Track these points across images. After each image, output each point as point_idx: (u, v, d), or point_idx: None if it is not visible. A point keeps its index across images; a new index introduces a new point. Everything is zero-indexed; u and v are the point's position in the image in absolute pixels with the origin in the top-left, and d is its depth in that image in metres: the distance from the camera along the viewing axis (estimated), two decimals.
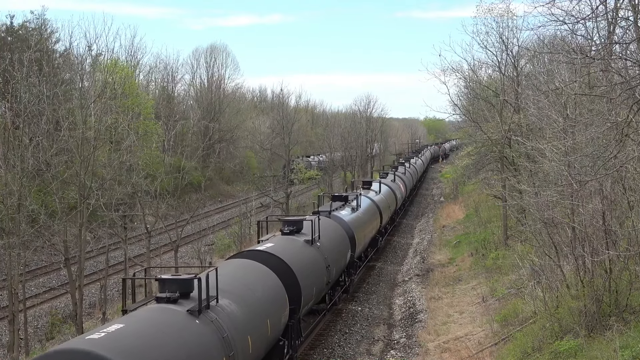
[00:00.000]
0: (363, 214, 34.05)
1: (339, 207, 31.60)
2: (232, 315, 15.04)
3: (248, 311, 16.02)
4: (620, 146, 13.99)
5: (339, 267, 26.39)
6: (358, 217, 32.64)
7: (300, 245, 22.80)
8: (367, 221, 34.54)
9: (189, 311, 13.60)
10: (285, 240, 22.67)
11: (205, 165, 68.30)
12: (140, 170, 34.40)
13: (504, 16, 33.10)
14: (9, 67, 29.02)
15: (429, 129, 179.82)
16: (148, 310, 13.66)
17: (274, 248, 20.75)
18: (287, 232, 23.47)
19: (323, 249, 24.07)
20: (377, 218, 37.92)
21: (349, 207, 32.83)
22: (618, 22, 18.17)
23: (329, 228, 26.59)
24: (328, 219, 28.00)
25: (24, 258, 28.11)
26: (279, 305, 18.41)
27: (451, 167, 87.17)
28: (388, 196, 44.21)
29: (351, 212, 32.21)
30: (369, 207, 36.56)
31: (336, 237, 27.10)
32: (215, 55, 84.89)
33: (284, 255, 20.37)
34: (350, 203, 33.64)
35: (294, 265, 20.29)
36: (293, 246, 22.27)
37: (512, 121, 31.93)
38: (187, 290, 14.26)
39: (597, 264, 17.07)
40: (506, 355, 18.52)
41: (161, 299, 13.89)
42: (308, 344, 23.53)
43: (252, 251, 20.51)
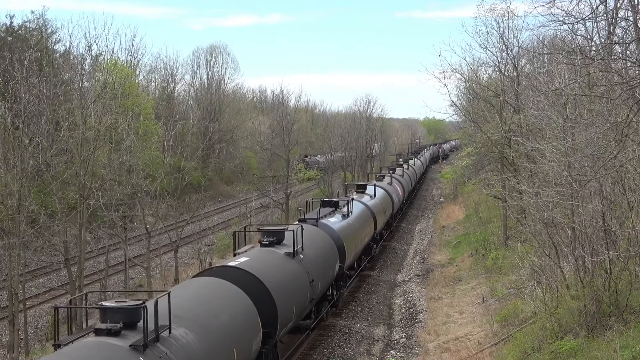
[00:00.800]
0: (355, 220, 31.81)
1: (328, 214, 29.21)
2: (188, 347, 13.04)
3: (209, 341, 13.94)
4: (620, 146, 13.99)
5: (325, 281, 24.13)
6: (349, 224, 30.45)
7: (280, 258, 20.35)
8: (359, 228, 32.24)
9: (133, 346, 11.59)
10: (263, 254, 20.29)
11: (205, 165, 68.26)
12: (140, 171, 34.40)
13: (505, 16, 33.14)
14: (9, 67, 28.99)
15: (429, 129, 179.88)
16: (83, 346, 11.56)
17: (248, 263, 18.45)
18: (265, 244, 20.96)
19: (306, 261, 21.65)
20: (370, 224, 35.75)
21: (340, 213, 30.62)
22: (618, 22, 18.19)
23: (315, 238, 24.49)
24: (314, 228, 25.77)
25: (24, 258, 28.10)
26: (249, 330, 16.18)
27: (451, 168, 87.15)
28: (384, 200, 42.14)
29: (341, 219, 30.01)
30: (361, 213, 34.35)
31: (323, 247, 24.82)
32: (215, 55, 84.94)
33: (259, 272, 18.11)
34: (341, 209, 31.27)
35: (270, 283, 18.03)
36: (271, 260, 19.88)
37: (512, 121, 31.93)
38: (133, 320, 12.17)
39: (597, 264, 17.08)
40: (506, 356, 18.52)
41: (101, 331, 11.87)
42: None
43: (222, 268, 18.11)
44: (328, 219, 28.38)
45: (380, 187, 43.76)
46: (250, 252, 20.04)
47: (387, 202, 43.59)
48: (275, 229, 22.18)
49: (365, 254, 35.80)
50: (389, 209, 43.91)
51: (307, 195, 70.05)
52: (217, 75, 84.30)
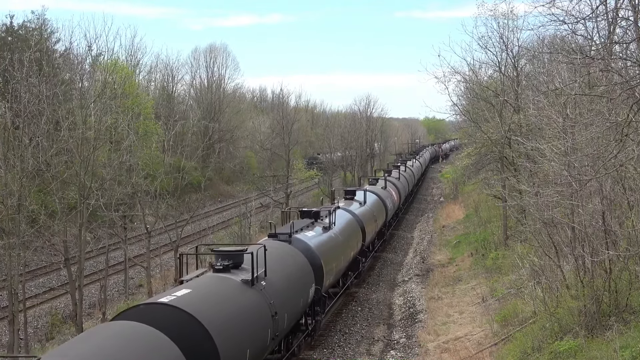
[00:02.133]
0: (338, 233, 27.99)
1: (305, 227, 25.42)
2: None
3: None
4: (620, 146, 13.98)
5: (295, 311, 20.13)
6: (330, 238, 26.64)
7: (234, 288, 16.39)
8: (344, 242, 28.36)
9: None
10: (213, 282, 16.38)
11: (205, 165, 68.26)
12: (140, 170, 34.43)
13: (505, 16, 33.13)
14: (9, 67, 28.99)
15: (429, 129, 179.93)
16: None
17: (186, 298, 14.40)
18: (219, 269, 16.97)
19: (269, 290, 17.74)
20: (357, 236, 32.12)
21: (320, 225, 26.76)
22: (618, 22, 18.17)
23: (284, 258, 20.96)
24: (285, 246, 22.26)
25: (24, 258, 28.11)
26: None
27: (451, 167, 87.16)
28: (375, 207, 38.71)
29: (321, 232, 26.26)
30: (347, 224, 30.63)
31: (294, 269, 21.05)
32: (215, 55, 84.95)
33: (198, 309, 14.04)
34: (322, 220, 27.50)
35: (213, 323, 14.02)
36: (220, 291, 16.02)
37: (512, 121, 31.93)
38: None
39: (597, 264, 17.07)
40: (506, 356, 18.52)
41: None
42: None
43: (148, 306, 13.83)
44: (304, 233, 24.59)
45: (372, 193, 40.66)
46: (197, 281, 16.24)
47: (380, 209, 40.22)
48: (232, 251, 17.90)
49: (353, 268, 32.22)
50: (381, 217, 40.64)
51: (307, 196, 70.15)
52: (217, 75, 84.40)
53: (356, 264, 32.56)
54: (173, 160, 41.21)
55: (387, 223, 43.92)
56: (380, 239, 41.97)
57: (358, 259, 32.69)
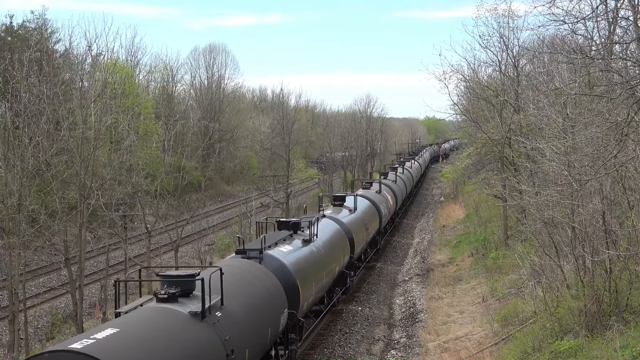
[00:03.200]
0: (321, 246, 24.75)
1: (281, 241, 22.07)
2: None
3: None
4: (620, 146, 14.00)
5: (260, 344, 16.84)
6: (311, 252, 23.28)
7: (178, 323, 13.17)
8: (327, 256, 25.03)
9: None
10: (153, 315, 13.16)
11: (205, 165, 68.37)
12: (140, 170, 34.43)
13: (505, 16, 33.15)
14: (9, 67, 29.00)
15: (429, 128, 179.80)
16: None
17: (107, 341, 11.21)
18: (163, 298, 13.76)
19: (226, 322, 14.44)
20: (344, 248, 28.91)
21: (300, 238, 23.53)
22: (618, 21, 18.19)
23: (249, 279, 17.81)
24: (253, 265, 18.97)
25: (24, 258, 28.11)
26: None
27: (451, 167, 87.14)
28: (367, 214, 35.82)
29: (301, 245, 22.98)
30: (333, 235, 27.52)
31: (261, 293, 17.71)
32: (215, 55, 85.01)
33: (120, 357, 10.95)
34: (302, 232, 24.22)
35: None
36: (159, 328, 12.82)
37: (512, 121, 31.94)
38: None
39: (597, 264, 17.08)
40: (506, 355, 18.53)
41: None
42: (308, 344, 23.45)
43: (54, 354, 10.71)
44: (279, 249, 21.21)
45: (364, 198, 37.94)
46: (132, 316, 13.14)
47: (372, 215, 37.35)
48: (179, 276, 14.39)
49: (340, 284, 29.10)
50: (374, 224, 37.69)
51: (308, 196, 70.13)
52: (217, 75, 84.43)
53: (343, 279, 29.35)
54: (173, 160, 41.26)
55: (381, 230, 40.86)
56: (373, 248, 39.21)
57: (345, 274, 29.43)
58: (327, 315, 27.06)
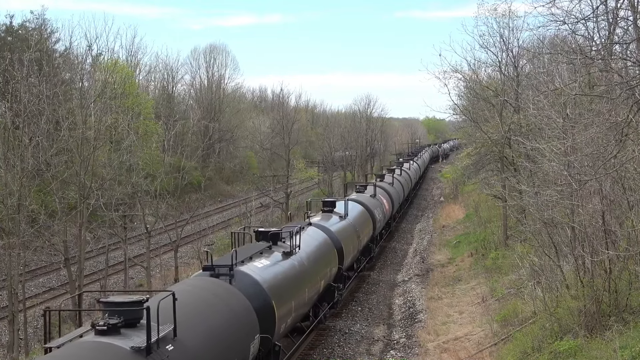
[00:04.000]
0: (304, 259, 22.15)
1: (257, 254, 19.61)
2: None
3: None
4: (620, 146, 14.00)
5: None
6: (292, 267, 20.73)
7: None
8: (311, 270, 22.44)
9: None
10: (86, 353, 10.98)
11: (205, 165, 68.30)
12: (140, 170, 34.44)
13: (505, 16, 33.15)
14: (9, 67, 29.01)
15: (429, 128, 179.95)
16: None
17: None
18: (102, 330, 11.44)
19: (177, 357, 12.18)
20: (332, 260, 26.20)
21: (280, 250, 20.96)
22: (618, 22, 18.20)
23: (214, 304, 15.27)
24: (220, 284, 16.60)
25: (24, 258, 28.11)
26: None
27: (451, 167, 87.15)
28: (359, 221, 33.11)
29: (280, 259, 20.43)
30: (319, 245, 25.02)
31: (227, 319, 15.29)
32: (215, 55, 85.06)
33: None
34: (282, 243, 21.61)
35: None
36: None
37: (512, 121, 31.94)
38: None
39: (597, 264, 17.08)
40: (506, 355, 18.53)
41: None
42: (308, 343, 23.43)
43: None
44: (254, 264, 18.74)
45: (356, 202, 35.46)
46: (62, 353, 11.03)
47: (365, 221, 34.83)
48: (125, 303, 11.88)
49: (327, 298, 26.27)
50: (367, 231, 35.12)
51: (308, 195, 70.12)
52: (217, 75, 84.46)
53: (331, 293, 26.56)
54: (173, 160, 41.24)
55: (375, 237, 38.12)
56: (367, 256, 36.64)
57: (333, 287, 26.70)
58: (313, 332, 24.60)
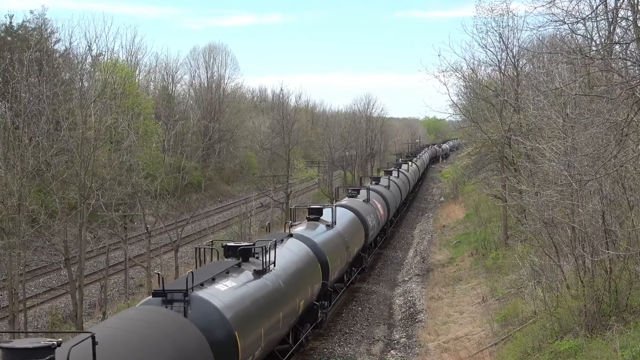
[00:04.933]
0: (279, 277, 19.08)
1: (223, 274, 16.56)
2: None
3: None
4: (620, 146, 14.01)
5: None
6: (265, 287, 17.76)
7: None
8: (286, 291, 19.25)
9: None
10: None
11: (205, 165, 68.34)
12: (140, 170, 34.44)
13: (504, 16, 33.13)
14: (9, 67, 29.02)
15: (429, 128, 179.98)
16: None
17: None
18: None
19: None
20: (314, 276, 23.09)
21: (250, 268, 18.02)
22: (618, 21, 18.20)
23: (154, 343, 12.21)
24: (167, 315, 13.54)
25: (24, 258, 28.13)
26: None
27: (451, 167, 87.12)
28: (349, 229, 30.31)
29: (251, 278, 17.58)
30: (299, 261, 21.92)
31: None
32: (215, 55, 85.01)
33: None
34: (255, 259, 18.73)
35: None
36: None
37: (512, 121, 31.94)
38: None
39: (597, 264, 17.09)
40: (506, 355, 18.53)
41: None
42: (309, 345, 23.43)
43: None
44: (217, 286, 15.58)
45: (346, 209, 32.82)
46: None
47: (356, 230, 32.05)
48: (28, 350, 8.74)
49: (310, 318, 23.50)
50: (358, 240, 32.21)
51: (308, 195, 70.14)
52: (217, 75, 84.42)
53: (313, 313, 23.65)
54: (173, 160, 41.24)
55: (367, 246, 35.12)
56: (359, 265, 33.79)
57: (316, 307, 23.72)
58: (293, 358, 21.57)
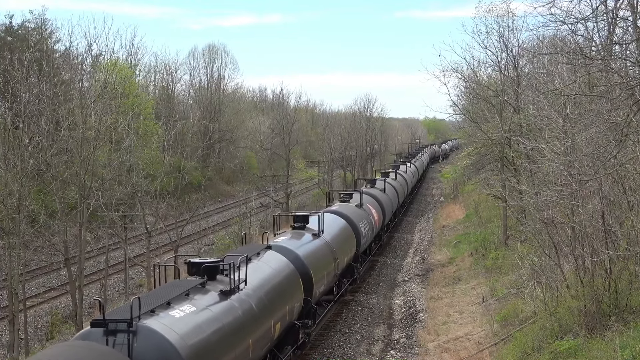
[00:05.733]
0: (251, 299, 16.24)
1: (182, 297, 13.84)
2: None
3: None
4: (620, 146, 14.02)
5: None
6: (231, 311, 14.91)
7: None
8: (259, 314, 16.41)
9: None
10: None
11: (205, 165, 68.35)
12: (140, 170, 34.44)
13: (504, 16, 33.13)
14: (9, 67, 29.02)
15: (429, 128, 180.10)
16: None
17: None
18: None
19: None
20: (295, 293, 20.03)
21: (216, 289, 15.16)
22: (618, 22, 18.19)
23: None
24: (107, 353, 11.31)
25: (24, 258, 28.13)
26: None
27: (451, 167, 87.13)
28: (339, 238, 27.80)
29: (216, 300, 14.75)
30: (274, 278, 18.65)
31: None
32: (214, 55, 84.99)
33: None
34: (224, 277, 15.78)
35: None
36: None
37: (512, 121, 31.94)
38: None
39: (597, 264, 17.08)
40: (506, 355, 18.53)
41: None
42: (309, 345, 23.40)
43: None
44: (172, 312, 13.00)
45: (336, 215, 30.22)
46: None
47: (347, 238, 29.38)
48: None
49: (289, 340, 20.61)
50: (348, 250, 29.44)
51: (308, 195, 70.15)
52: (217, 75, 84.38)
53: (293, 334, 20.75)
54: (173, 160, 41.24)
55: (359, 255, 32.36)
56: (350, 277, 30.75)
57: (297, 327, 20.82)
58: None
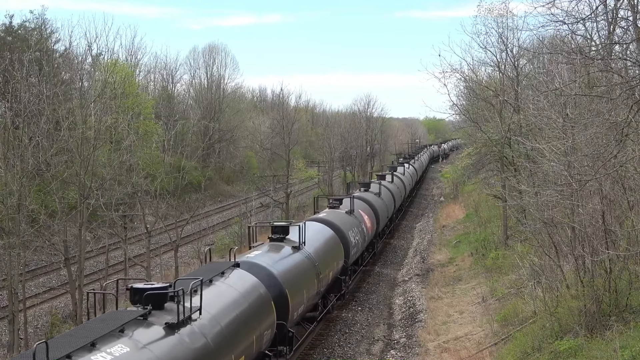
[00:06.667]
0: (204, 332, 13.36)
1: (115, 334, 11.15)
2: None
3: None
4: (620, 146, 14.02)
5: None
6: (181, 348, 12.34)
7: None
8: (210, 353, 13.26)
9: None
10: None
11: (205, 165, 68.36)
12: (140, 170, 34.45)
13: (504, 16, 33.14)
14: (9, 67, 29.02)
15: (429, 128, 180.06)
16: None
17: None
18: None
19: None
20: (264, 320, 16.91)
21: (160, 322, 12.40)
22: (618, 22, 18.19)
23: None
24: None
25: (24, 258, 28.12)
26: None
27: (451, 167, 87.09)
28: (323, 250, 24.87)
29: (160, 335, 12.04)
30: (239, 304, 15.69)
31: None
32: (215, 55, 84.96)
33: None
34: (173, 305, 12.77)
35: None
36: None
37: (511, 121, 31.94)
38: None
39: (597, 264, 17.09)
40: (506, 355, 18.53)
41: None
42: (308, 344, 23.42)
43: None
44: (100, 355, 10.36)
45: (322, 224, 27.45)
46: None
47: (333, 249, 26.47)
48: None
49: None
50: (335, 263, 26.33)
51: (308, 195, 70.10)
52: (217, 75, 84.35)
53: None
54: (173, 160, 41.24)
55: (349, 267, 29.48)
56: (337, 291, 27.61)
57: (268, 358, 17.80)
58: None
